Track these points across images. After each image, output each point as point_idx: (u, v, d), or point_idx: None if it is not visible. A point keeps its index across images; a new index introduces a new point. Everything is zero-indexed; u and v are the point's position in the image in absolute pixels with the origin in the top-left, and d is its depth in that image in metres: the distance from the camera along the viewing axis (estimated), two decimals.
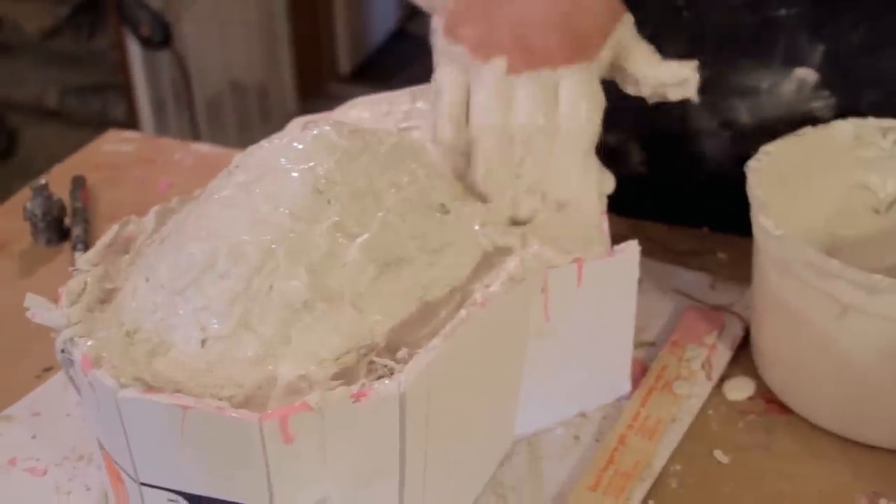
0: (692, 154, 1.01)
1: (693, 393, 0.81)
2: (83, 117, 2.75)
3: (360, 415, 0.60)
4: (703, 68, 0.80)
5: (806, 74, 0.94)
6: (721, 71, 0.95)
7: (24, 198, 1.06)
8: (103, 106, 2.75)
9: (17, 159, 2.81)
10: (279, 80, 3.09)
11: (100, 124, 1.78)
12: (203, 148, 1.22)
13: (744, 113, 0.97)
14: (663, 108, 0.84)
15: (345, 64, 3.43)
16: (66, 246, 1.04)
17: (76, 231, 1.03)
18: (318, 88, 3.22)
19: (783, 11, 0.92)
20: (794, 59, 0.94)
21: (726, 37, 0.95)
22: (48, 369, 0.87)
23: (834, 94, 0.94)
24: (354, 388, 0.60)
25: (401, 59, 3.32)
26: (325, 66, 3.34)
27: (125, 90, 2.66)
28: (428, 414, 0.63)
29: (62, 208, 1.05)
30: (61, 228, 1.05)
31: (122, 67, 2.63)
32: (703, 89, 0.81)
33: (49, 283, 0.77)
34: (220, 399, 0.61)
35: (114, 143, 1.23)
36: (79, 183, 1.11)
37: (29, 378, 0.87)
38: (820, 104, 0.95)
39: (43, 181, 1.05)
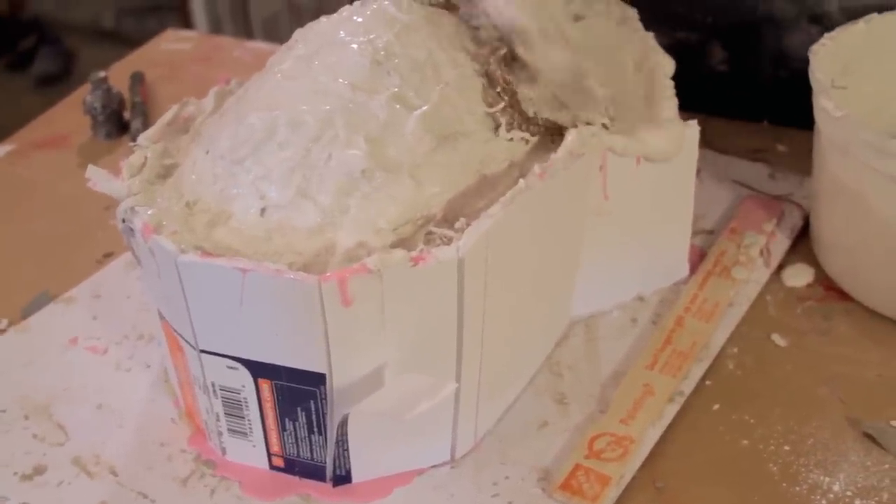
0: (776, 51, 0.98)
1: (751, 278, 0.81)
2: (139, 38, 2.75)
3: (418, 279, 0.60)
4: None
5: None
6: None
7: (84, 92, 1.07)
8: (159, 27, 2.75)
9: (74, 81, 2.82)
10: (337, 1, 3.07)
11: None
12: (261, 45, 1.22)
13: (834, 4, 0.93)
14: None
15: None
16: (125, 139, 1.04)
17: (135, 125, 1.03)
18: None
19: None
20: None
21: None
22: (108, 255, 0.88)
23: None
24: (413, 253, 0.60)
25: None
26: None
27: (182, 11, 2.66)
28: (486, 282, 0.63)
29: (122, 101, 1.06)
30: (121, 122, 1.06)
31: None
32: None
33: None
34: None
35: (171, 42, 1.23)
36: (137, 78, 1.11)
37: (90, 263, 0.88)
38: None
39: (102, 74, 1.05)
